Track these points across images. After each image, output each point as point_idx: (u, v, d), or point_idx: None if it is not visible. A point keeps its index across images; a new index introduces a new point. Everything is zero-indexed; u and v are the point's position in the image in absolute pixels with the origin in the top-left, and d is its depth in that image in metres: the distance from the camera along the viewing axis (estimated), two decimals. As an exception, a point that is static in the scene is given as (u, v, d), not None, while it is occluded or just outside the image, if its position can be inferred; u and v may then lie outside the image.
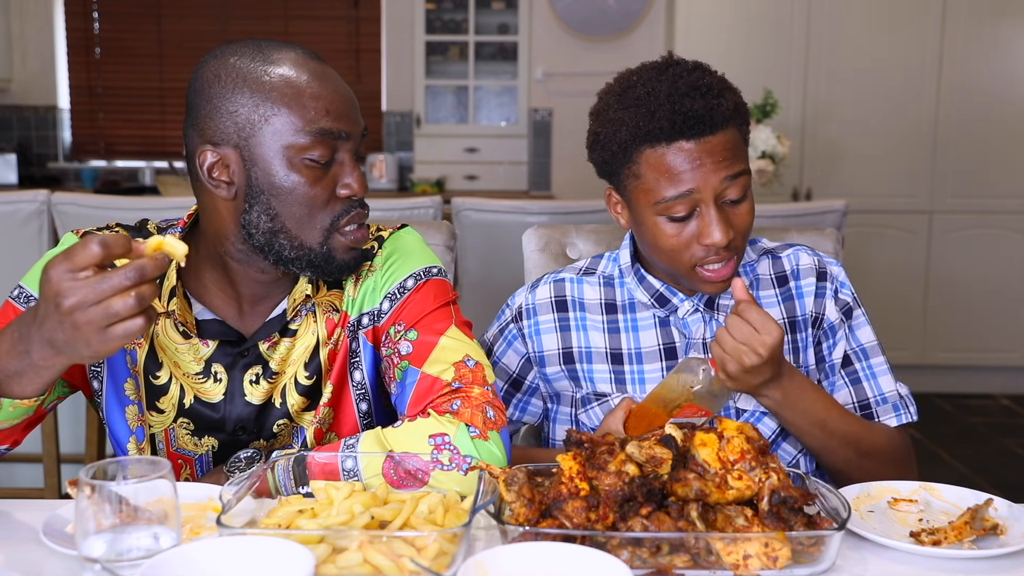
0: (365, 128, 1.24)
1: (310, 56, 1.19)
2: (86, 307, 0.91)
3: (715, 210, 1.27)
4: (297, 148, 1.14)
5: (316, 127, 1.15)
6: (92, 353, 0.94)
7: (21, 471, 2.82)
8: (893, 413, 1.39)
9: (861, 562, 0.97)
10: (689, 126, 1.25)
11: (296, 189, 1.15)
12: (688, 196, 1.26)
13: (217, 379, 1.25)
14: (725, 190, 1.27)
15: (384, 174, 5.50)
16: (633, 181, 1.31)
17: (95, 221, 1.52)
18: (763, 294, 1.42)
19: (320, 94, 1.16)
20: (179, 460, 1.28)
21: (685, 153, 1.26)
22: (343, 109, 1.18)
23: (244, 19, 5.65)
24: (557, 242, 1.76)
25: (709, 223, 1.27)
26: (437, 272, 1.31)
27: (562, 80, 5.44)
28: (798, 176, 4.81)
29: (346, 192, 1.18)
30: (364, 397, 1.31)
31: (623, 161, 1.31)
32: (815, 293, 1.42)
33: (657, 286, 1.41)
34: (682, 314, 1.40)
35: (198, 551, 0.82)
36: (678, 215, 1.28)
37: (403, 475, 1.10)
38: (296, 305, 1.25)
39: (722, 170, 1.26)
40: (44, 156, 5.77)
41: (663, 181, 1.27)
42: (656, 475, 0.97)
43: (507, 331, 1.47)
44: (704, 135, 1.25)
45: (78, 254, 0.91)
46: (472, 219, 2.63)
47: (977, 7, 4.64)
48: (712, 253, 1.29)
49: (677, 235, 1.29)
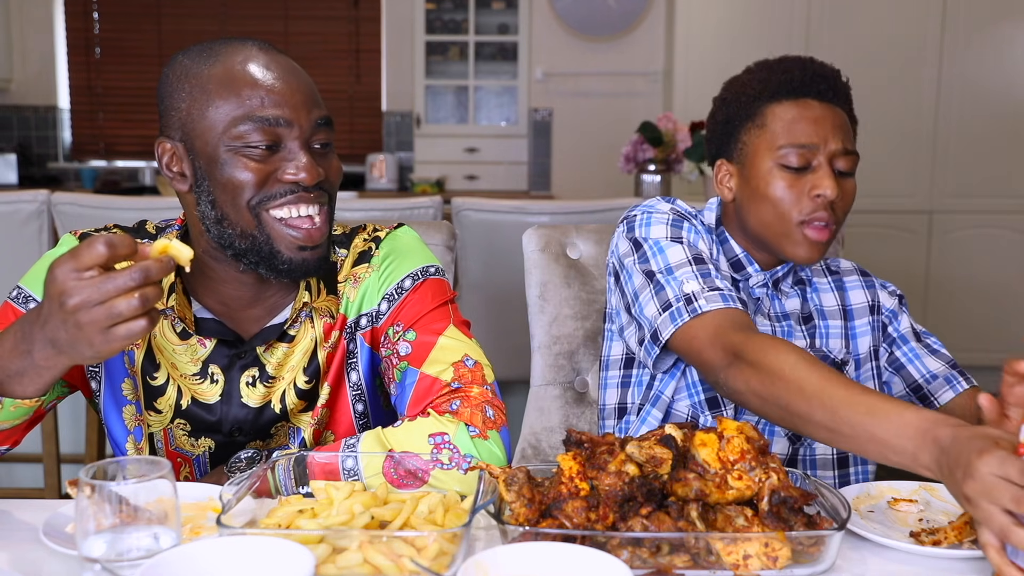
0: (323, 118, 1.18)
1: (262, 48, 1.18)
2: (90, 307, 0.91)
3: (828, 167, 1.35)
4: (232, 136, 1.14)
5: (251, 115, 1.14)
6: (94, 353, 0.94)
7: (21, 471, 2.82)
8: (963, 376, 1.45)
9: (861, 562, 0.97)
10: (818, 84, 1.36)
11: (233, 176, 1.15)
12: (808, 149, 1.34)
13: (214, 380, 1.25)
14: (839, 157, 1.35)
15: (384, 174, 5.50)
16: (756, 132, 1.39)
17: (95, 221, 1.53)
18: (817, 280, 1.51)
19: (257, 82, 1.15)
20: (178, 459, 1.28)
21: (812, 109, 1.36)
22: (284, 97, 1.15)
23: (244, 19, 5.66)
24: (557, 242, 1.76)
25: (823, 177, 1.34)
26: (435, 271, 1.31)
27: (562, 80, 5.44)
28: (798, 176, 4.81)
29: (290, 178, 1.15)
30: (360, 398, 1.31)
31: (748, 115, 1.40)
32: (862, 286, 1.52)
33: (737, 251, 1.45)
34: (752, 284, 1.45)
35: (198, 551, 0.82)
36: (795, 164, 1.35)
37: (403, 474, 1.11)
38: (295, 313, 1.25)
39: (840, 139, 1.35)
40: (44, 156, 5.78)
41: (789, 129, 1.36)
42: (656, 475, 0.97)
43: (685, 226, 1.41)
44: (829, 100, 1.37)
45: (84, 254, 0.92)
46: (472, 219, 2.63)
47: (977, 7, 4.64)
48: (819, 209, 1.34)
49: (791, 185, 1.35)
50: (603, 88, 5.34)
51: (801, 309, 1.47)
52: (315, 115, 1.17)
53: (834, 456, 1.43)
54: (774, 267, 1.45)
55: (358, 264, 1.30)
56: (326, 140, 1.19)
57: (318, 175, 1.16)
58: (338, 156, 1.24)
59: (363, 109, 5.78)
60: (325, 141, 1.19)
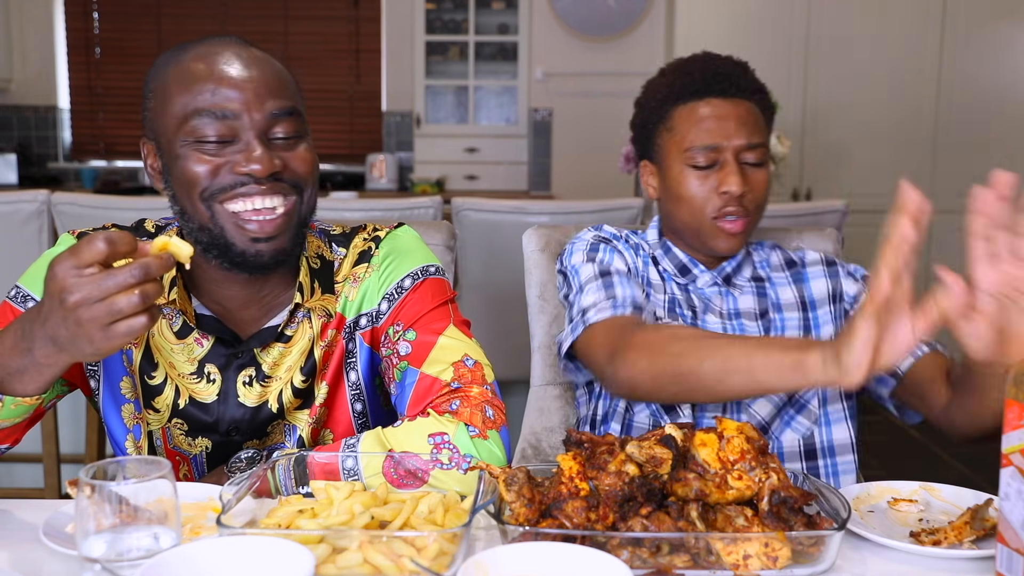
0: (284, 108, 1.16)
1: (225, 43, 1.18)
2: (90, 303, 0.91)
3: (735, 163, 1.40)
4: (186, 131, 1.15)
5: (200, 108, 1.14)
6: (95, 350, 0.94)
7: (21, 471, 2.82)
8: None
9: (861, 562, 0.97)
10: (719, 82, 1.42)
11: (187, 169, 1.15)
12: (713, 148, 1.40)
13: (210, 380, 1.25)
14: (745, 151, 1.41)
15: (384, 174, 5.50)
16: (666, 136, 1.46)
17: (95, 221, 1.53)
18: (775, 275, 1.53)
19: (209, 76, 1.14)
20: (176, 458, 1.28)
21: (714, 108, 1.41)
22: (236, 88, 1.14)
23: (244, 19, 5.66)
24: (557, 242, 1.76)
25: (729, 173, 1.40)
26: (435, 271, 1.31)
27: (562, 80, 5.45)
28: (798, 176, 4.81)
29: (242, 169, 1.14)
30: (359, 398, 1.31)
31: (660, 118, 1.47)
32: (825, 275, 1.52)
33: (682, 257, 1.51)
34: (701, 284, 1.49)
35: (198, 551, 0.82)
36: (702, 164, 1.41)
37: (403, 474, 1.11)
38: (290, 314, 1.25)
39: (744, 134, 1.40)
40: (44, 156, 5.78)
41: (693, 131, 1.42)
42: (656, 475, 0.97)
43: (603, 247, 1.49)
44: (732, 96, 1.42)
45: (84, 251, 0.92)
46: (472, 219, 2.63)
47: (977, 7, 4.64)
48: (730, 204, 1.40)
49: (700, 184, 1.42)
50: (603, 88, 5.34)
51: (757, 305, 1.49)
52: (272, 106, 1.15)
53: (801, 448, 1.42)
54: (719, 264, 1.50)
55: (358, 264, 1.30)
56: (289, 132, 1.17)
57: (273, 166, 1.14)
58: (309, 148, 1.21)
59: (363, 109, 5.78)
60: (288, 133, 1.17)
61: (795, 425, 1.42)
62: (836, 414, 1.44)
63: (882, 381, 1.40)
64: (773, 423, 1.42)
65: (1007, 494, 0.84)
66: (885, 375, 1.39)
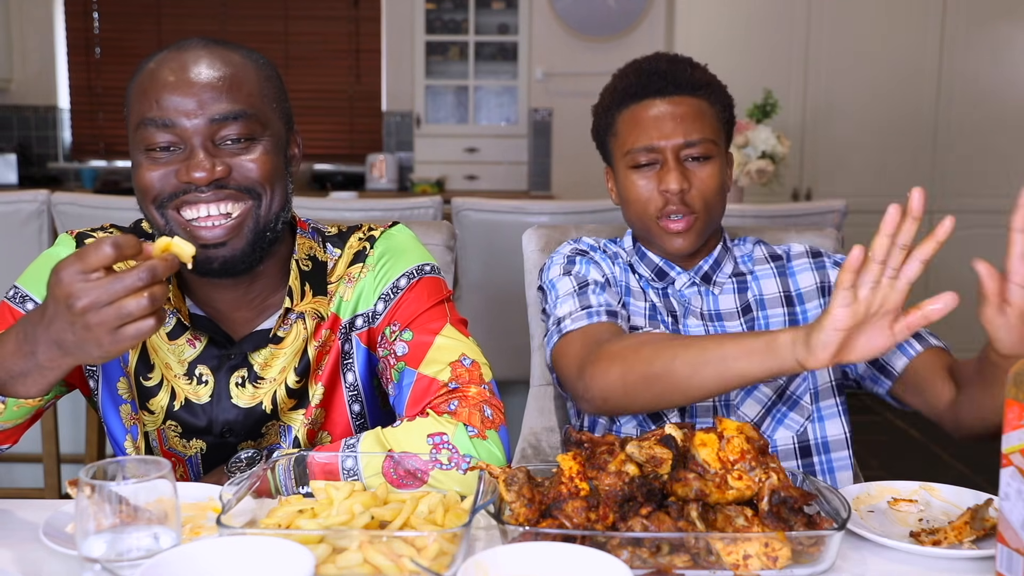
0: (230, 112, 1.14)
1: (185, 48, 1.17)
2: (99, 308, 0.91)
3: (674, 162, 1.38)
4: (137, 140, 1.16)
5: (145, 117, 1.14)
6: (103, 354, 0.95)
7: (21, 471, 2.82)
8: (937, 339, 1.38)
9: (861, 562, 0.97)
10: (655, 82, 1.40)
11: (140, 177, 1.16)
12: (651, 149, 1.39)
13: (202, 381, 1.25)
14: (685, 148, 1.39)
15: (384, 174, 5.50)
16: (612, 141, 1.46)
17: (95, 221, 1.53)
18: (758, 268, 1.50)
19: (155, 84, 1.14)
20: (172, 459, 1.28)
21: (651, 108, 1.40)
22: (178, 95, 1.13)
23: (244, 19, 5.66)
24: (557, 242, 1.76)
25: (666, 172, 1.38)
26: (430, 270, 1.31)
27: (562, 80, 5.44)
28: (798, 176, 4.81)
29: (184, 177, 1.14)
30: (356, 398, 1.31)
31: (607, 125, 1.46)
32: (811, 267, 1.49)
33: (657, 261, 1.49)
34: (679, 286, 1.48)
35: (198, 551, 0.82)
36: (641, 163, 1.40)
37: (403, 474, 1.10)
38: (281, 319, 1.25)
39: (681, 132, 1.38)
40: (44, 156, 5.77)
41: (632, 133, 1.41)
42: (656, 475, 0.97)
43: (579, 259, 1.48)
44: (670, 94, 1.40)
45: (91, 255, 0.92)
46: (472, 219, 2.63)
47: (977, 7, 4.64)
48: (672, 203, 1.39)
49: (642, 185, 1.41)
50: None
51: (739, 301, 1.48)
52: (215, 110, 1.14)
53: (795, 445, 1.42)
54: (696, 264, 1.48)
55: (353, 264, 1.30)
56: (239, 135, 1.15)
57: (214, 173, 1.13)
58: (269, 151, 1.18)
59: (363, 109, 5.78)
60: (238, 136, 1.15)
61: (788, 422, 1.42)
62: (829, 410, 1.44)
63: (877, 381, 1.40)
64: (763, 423, 1.41)
65: (1007, 494, 0.84)
66: (879, 375, 1.39)
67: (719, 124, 1.43)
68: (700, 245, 1.43)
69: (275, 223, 1.20)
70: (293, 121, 1.27)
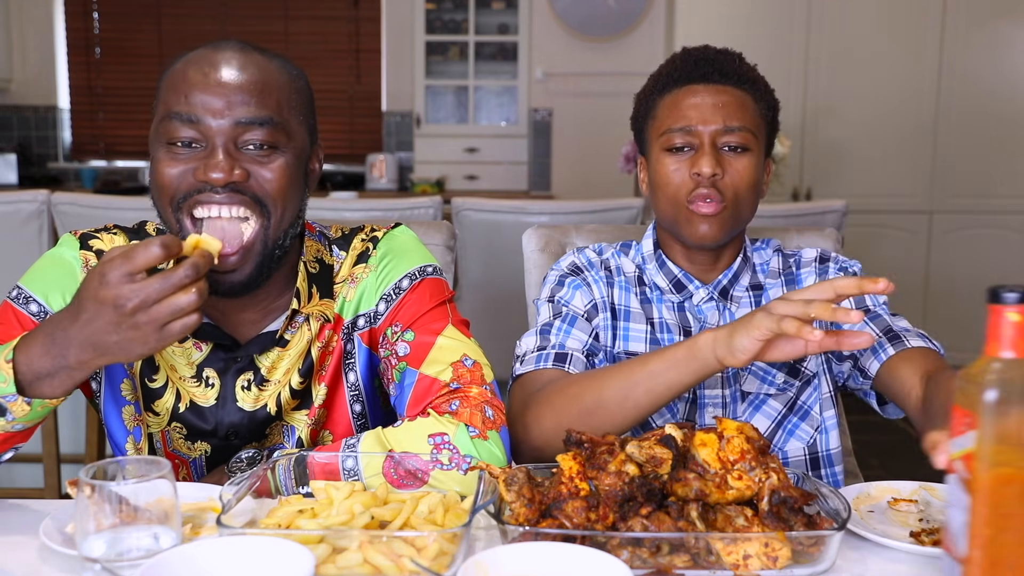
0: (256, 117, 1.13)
1: (221, 48, 1.17)
2: (148, 306, 0.93)
3: (710, 147, 1.36)
4: (159, 133, 1.15)
5: (171, 111, 1.14)
6: (147, 351, 0.97)
7: (21, 471, 2.82)
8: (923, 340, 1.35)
9: (861, 562, 0.97)
10: (700, 68, 1.39)
11: (158, 172, 1.15)
12: (688, 131, 1.37)
13: (209, 384, 1.25)
14: (723, 135, 1.36)
15: (384, 174, 5.50)
16: (651, 124, 1.43)
17: (95, 221, 1.53)
18: (770, 282, 1.49)
19: (185, 80, 1.14)
20: (175, 461, 1.28)
21: (694, 94, 1.38)
22: (207, 94, 1.13)
23: (244, 19, 5.66)
24: (557, 242, 1.76)
25: (700, 155, 1.36)
26: (432, 271, 1.31)
27: (562, 80, 5.44)
28: (798, 176, 4.81)
29: (201, 176, 1.13)
30: (358, 398, 1.31)
31: (648, 111, 1.44)
32: (815, 272, 1.48)
33: (676, 272, 1.46)
34: (697, 301, 1.45)
35: (198, 551, 0.82)
36: (676, 145, 1.37)
37: (403, 474, 1.10)
38: (288, 321, 1.25)
39: (721, 118, 1.36)
40: (44, 156, 5.78)
41: (670, 115, 1.39)
42: (656, 475, 0.97)
43: (568, 282, 1.47)
44: (715, 82, 1.38)
45: (139, 256, 0.93)
46: (472, 219, 2.63)
47: (977, 7, 4.64)
48: (702, 186, 1.35)
49: (675, 169, 1.38)
50: (603, 88, 5.34)
51: None
52: (242, 113, 1.13)
53: (806, 456, 1.42)
54: (716, 278, 1.44)
55: (356, 265, 1.30)
56: (263, 141, 1.14)
57: (233, 175, 1.12)
58: (289, 164, 1.16)
59: (363, 109, 5.78)
60: (261, 142, 1.14)
61: (799, 433, 1.41)
62: (830, 420, 1.43)
63: (855, 380, 1.39)
64: (775, 436, 1.41)
65: (951, 502, 0.81)
66: (857, 374, 1.38)
67: (761, 120, 1.40)
68: (725, 240, 1.40)
69: (283, 239, 1.20)
70: (318, 135, 1.26)
